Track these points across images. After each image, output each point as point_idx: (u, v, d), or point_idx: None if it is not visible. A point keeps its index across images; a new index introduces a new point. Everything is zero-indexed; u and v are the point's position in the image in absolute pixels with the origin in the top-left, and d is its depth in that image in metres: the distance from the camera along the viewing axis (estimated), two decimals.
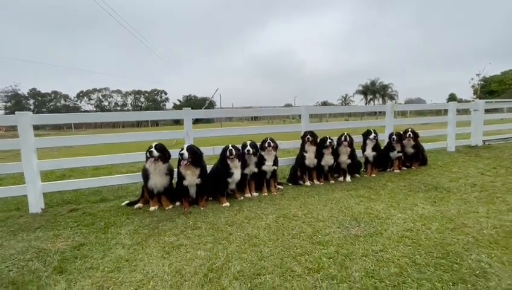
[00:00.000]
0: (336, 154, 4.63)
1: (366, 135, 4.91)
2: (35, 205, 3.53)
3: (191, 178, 3.48)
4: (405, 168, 5.12)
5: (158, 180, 3.55)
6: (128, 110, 69.25)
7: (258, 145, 4.16)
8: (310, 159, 4.53)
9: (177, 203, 3.72)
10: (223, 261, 2.16)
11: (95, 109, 68.28)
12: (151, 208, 3.56)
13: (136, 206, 3.67)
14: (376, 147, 4.88)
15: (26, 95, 63.36)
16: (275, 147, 4.20)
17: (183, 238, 2.64)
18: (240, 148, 3.94)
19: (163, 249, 2.43)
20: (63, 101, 68.38)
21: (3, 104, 56.55)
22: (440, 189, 3.76)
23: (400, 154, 5.03)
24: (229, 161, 3.71)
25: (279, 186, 4.41)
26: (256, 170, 4.09)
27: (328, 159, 4.57)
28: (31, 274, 2.12)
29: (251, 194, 4.07)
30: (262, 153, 4.18)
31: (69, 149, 10.44)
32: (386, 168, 5.14)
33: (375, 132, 4.85)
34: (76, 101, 69.89)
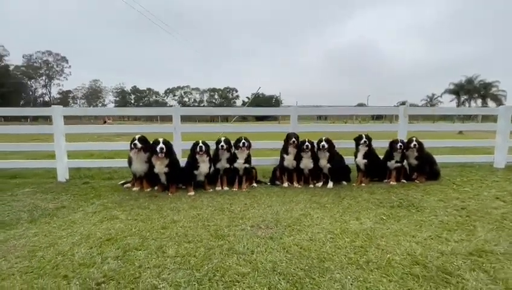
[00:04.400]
0: (316, 158, 4.44)
1: (357, 140, 4.51)
2: (62, 175, 4.73)
3: (159, 167, 4.03)
4: (404, 181, 4.45)
5: (139, 167, 4.23)
6: (203, 106, 76.82)
7: (232, 143, 4.40)
8: (289, 161, 4.50)
9: (156, 187, 4.35)
10: (125, 234, 2.60)
11: (177, 104, 78.52)
12: (134, 189, 4.30)
13: (125, 185, 4.48)
14: (368, 154, 4.43)
15: (129, 91, 78.06)
16: (248, 146, 4.36)
17: (126, 213, 3.19)
18: (215, 144, 4.30)
19: (102, 219, 3.02)
20: (154, 97, 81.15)
21: (114, 98, 72.11)
22: (411, 207, 3.24)
23: (399, 164, 4.41)
24: (197, 156, 4.10)
25: (254, 184, 4.55)
26: (228, 165, 4.36)
27: (306, 163, 4.43)
28: (16, 221, 3.01)
29: (222, 188, 4.36)
30: (236, 151, 4.40)
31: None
32: (382, 179, 4.58)
33: (367, 137, 4.41)
34: (164, 97, 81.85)
